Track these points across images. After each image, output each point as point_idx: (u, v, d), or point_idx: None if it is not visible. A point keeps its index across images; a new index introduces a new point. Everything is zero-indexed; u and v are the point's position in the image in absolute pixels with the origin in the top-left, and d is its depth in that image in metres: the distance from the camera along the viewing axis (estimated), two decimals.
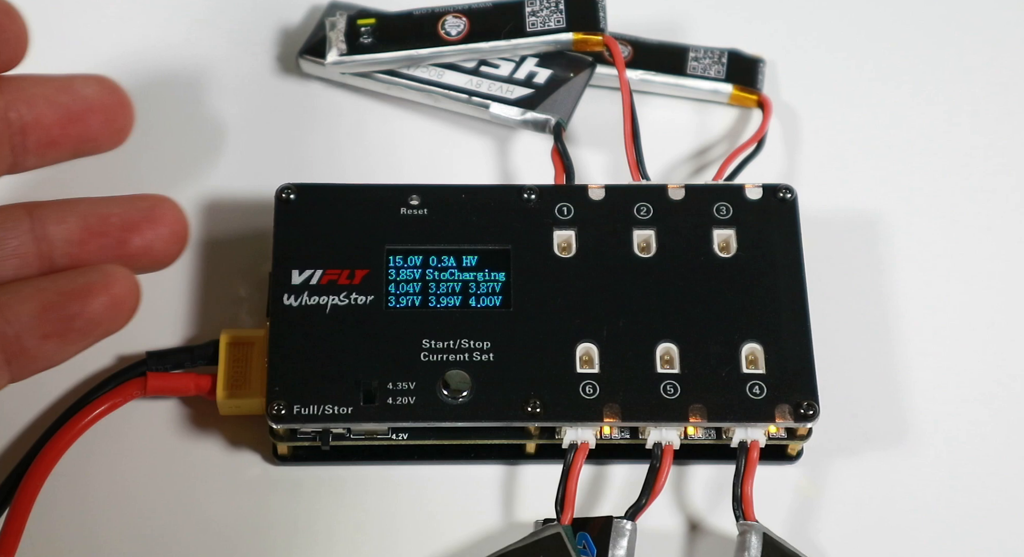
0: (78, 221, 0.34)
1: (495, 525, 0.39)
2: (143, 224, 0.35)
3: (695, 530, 0.39)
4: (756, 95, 0.46)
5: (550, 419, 0.38)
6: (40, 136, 0.35)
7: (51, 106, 0.35)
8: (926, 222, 0.45)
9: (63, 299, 0.33)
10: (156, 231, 0.35)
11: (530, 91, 0.44)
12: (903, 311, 0.43)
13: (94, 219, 0.35)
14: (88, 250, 0.34)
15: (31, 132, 0.34)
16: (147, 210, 0.35)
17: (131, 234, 0.35)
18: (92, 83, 0.35)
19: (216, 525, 0.39)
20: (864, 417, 0.41)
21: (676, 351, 0.38)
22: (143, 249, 0.35)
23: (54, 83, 0.35)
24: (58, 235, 0.34)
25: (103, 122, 0.35)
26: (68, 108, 0.35)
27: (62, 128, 0.35)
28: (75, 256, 0.34)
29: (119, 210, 0.35)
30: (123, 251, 0.35)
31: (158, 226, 0.35)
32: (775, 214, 0.40)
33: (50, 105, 0.35)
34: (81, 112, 0.35)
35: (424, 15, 0.45)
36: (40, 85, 0.35)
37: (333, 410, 0.37)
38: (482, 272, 0.39)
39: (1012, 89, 0.47)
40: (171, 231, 0.35)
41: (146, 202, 0.35)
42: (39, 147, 0.35)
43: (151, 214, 0.35)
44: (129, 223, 0.35)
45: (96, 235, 0.34)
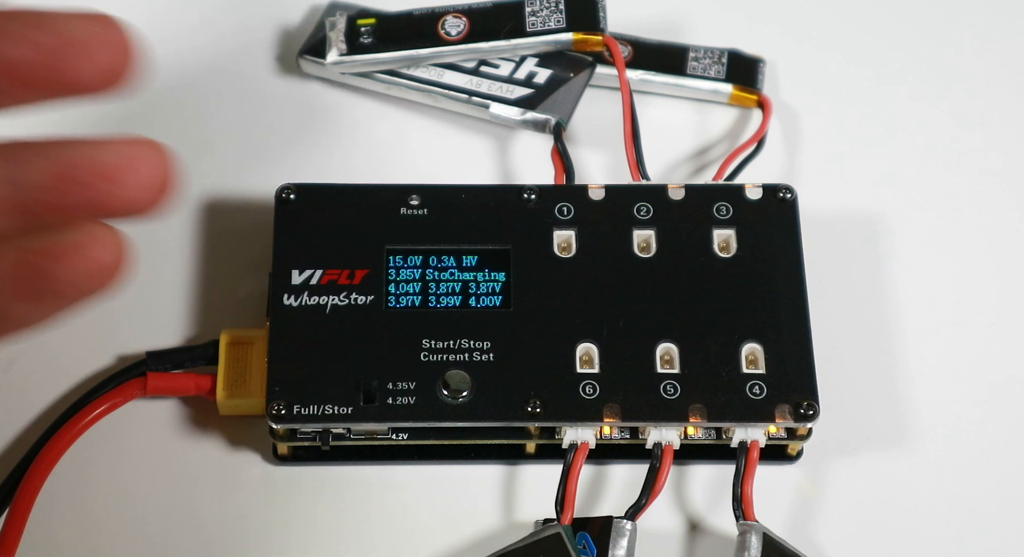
0: (53, 167, 0.32)
1: (495, 525, 0.39)
2: (121, 171, 0.32)
3: (695, 530, 0.39)
4: (756, 95, 0.46)
5: (550, 419, 0.38)
6: (14, 76, 0.32)
7: (27, 44, 0.32)
8: (926, 222, 0.45)
9: (37, 258, 0.31)
10: (136, 179, 0.32)
11: (530, 91, 0.44)
12: (903, 311, 0.43)
13: (69, 166, 0.32)
14: (65, 199, 0.32)
15: (5, 71, 0.32)
16: (127, 156, 0.32)
17: (108, 183, 0.32)
18: (81, 21, 0.33)
19: (216, 525, 0.39)
20: (864, 417, 0.41)
21: (676, 351, 0.38)
22: (122, 198, 0.32)
23: (34, 20, 0.32)
24: (32, 181, 0.32)
25: (89, 64, 0.32)
26: (46, 46, 0.32)
27: (40, 69, 0.32)
28: (50, 204, 0.32)
29: (96, 155, 0.32)
30: (102, 200, 0.32)
31: (139, 174, 0.32)
32: (775, 214, 0.40)
33: (26, 43, 0.32)
34: (61, 52, 0.32)
35: (424, 15, 0.45)
36: (16, 21, 0.32)
37: (333, 410, 0.37)
38: (482, 272, 0.39)
39: (1012, 89, 0.47)
40: (153, 179, 0.32)
41: (124, 145, 0.33)
42: (14, 88, 0.32)
43: (131, 161, 0.32)
44: (105, 170, 0.32)
45: (72, 182, 0.32)
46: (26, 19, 0.33)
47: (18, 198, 0.32)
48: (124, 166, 0.32)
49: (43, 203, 0.32)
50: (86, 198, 0.32)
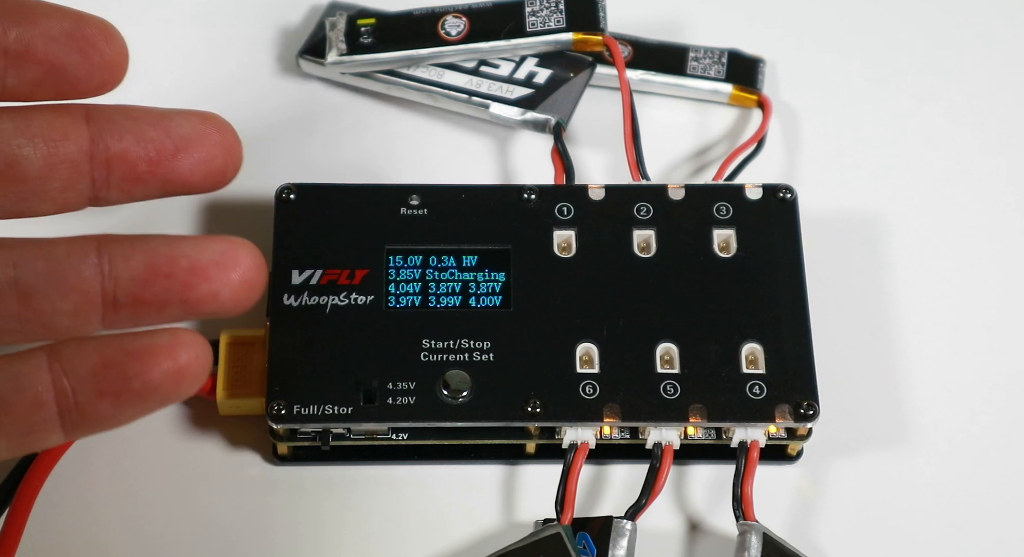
0: (145, 259, 0.32)
1: (495, 525, 0.39)
2: (212, 268, 0.32)
3: (695, 530, 0.39)
4: (756, 95, 0.46)
5: (550, 419, 0.38)
6: (124, 172, 0.33)
7: (140, 141, 0.33)
8: (926, 222, 0.45)
9: (124, 357, 0.31)
10: (225, 278, 0.32)
11: (530, 91, 0.44)
12: (903, 311, 0.43)
13: (162, 259, 0.32)
14: (152, 291, 0.32)
15: (115, 166, 0.32)
16: (220, 253, 0.32)
17: (198, 278, 0.32)
18: (193, 120, 0.33)
19: (216, 525, 0.39)
20: (864, 417, 0.41)
21: (676, 351, 0.38)
22: (209, 295, 0.32)
23: (147, 117, 0.33)
24: (123, 273, 0.32)
25: (197, 163, 0.33)
26: (159, 146, 0.33)
27: (149, 166, 0.33)
28: (139, 298, 0.32)
29: (190, 251, 0.32)
30: (188, 295, 0.32)
31: (228, 272, 0.32)
32: (775, 214, 0.40)
33: (139, 140, 0.33)
34: (172, 151, 0.33)
35: (424, 15, 0.45)
36: (131, 117, 0.33)
37: (333, 410, 0.37)
38: (482, 272, 0.39)
39: (1012, 89, 0.47)
40: (241, 279, 0.32)
41: (220, 245, 0.33)
42: (123, 183, 0.33)
43: (223, 258, 0.32)
44: (198, 266, 0.32)
45: (163, 277, 0.32)
46: (139, 116, 0.33)
47: (112, 290, 0.32)
48: (218, 265, 0.32)
49: (135, 297, 0.32)
50: (178, 295, 0.32)
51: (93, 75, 0.32)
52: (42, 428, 0.31)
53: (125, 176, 0.33)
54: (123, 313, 0.32)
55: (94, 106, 0.33)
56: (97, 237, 0.32)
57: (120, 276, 0.32)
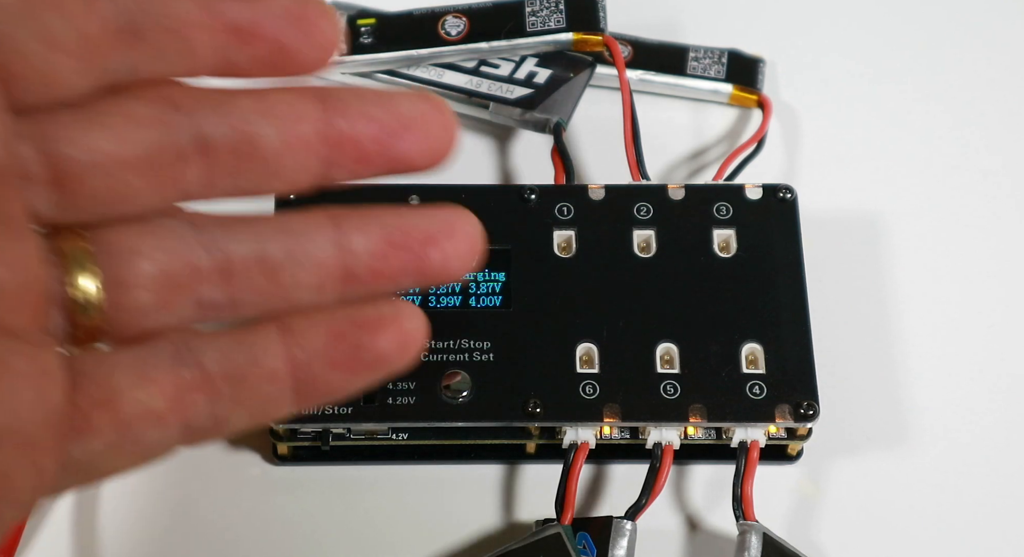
0: (381, 233, 0.33)
1: (495, 525, 0.39)
2: (441, 237, 0.33)
3: (695, 530, 0.39)
4: (756, 95, 0.46)
5: (550, 419, 0.38)
6: (353, 151, 0.33)
7: (368, 121, 0.33)
8: (926, 222, 0.45)
9: (355, 328, 0.32)
10: (455, 245, 0.33)
11: (530, 91, 0.44)
12: (903, 311, 0.43)
13: (397, 232, 0.33)
14: (390, 264, 0.33)
15: (345, 146, 0.33)
16: (447, 222, 0.33)
17: (431, 248, 0.33)
18: (415, 100, 0.34)
19: (216, 525, 0.39)
20: (864, 417, 0.41)
21: (676, 351, 0.38)
22: (441, 263, 0.33)
23: (374, 97, 0.34)
24: (361, 247, 0.33)
25: (419, 142, 0.34)
26: (385, 124, 0.33)
27: (377, 145, 0.33)
28: (377, 270, 0.33)
29: (421, 222, 0.33)
30: (423, 265, 0.33)
31: (457, 240, 0.33)
32: (775, 214, 0.40)
33: (367, 120, 0.33)
34: (397, 130, 0.33)
35: (424, 15, 0.45)
36: (359, 98, 0.33)
37: (333, 410, 0.37)
38: (482, 272, 0.39)
39: (1012, 89, 0.47)
40: (469, 245, 0.33)
41: (445, 213, 0.33)
42: (351, 162, 0.33)
43: (450, 227, 0.33)
44: (429, 236, 0.33)
45: (399, 248, 0.33)
46: (367, 96, 0.34)
47: (349, 263, 0.32)
48: (446, 232, 0.33)
49: (371, 269, 0.33)
50: (411, 265, 0.33)
51: (312, 52, 0.33)
52: (278, 399, 0.32)
53: (354, 155, 0.33)
54: (360, 285, 0.33)
55: (324, 88, 0.34)
56: (328, 212, 0.33)
57: (358, 250, 0.33)
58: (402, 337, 0.32)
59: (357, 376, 0.32)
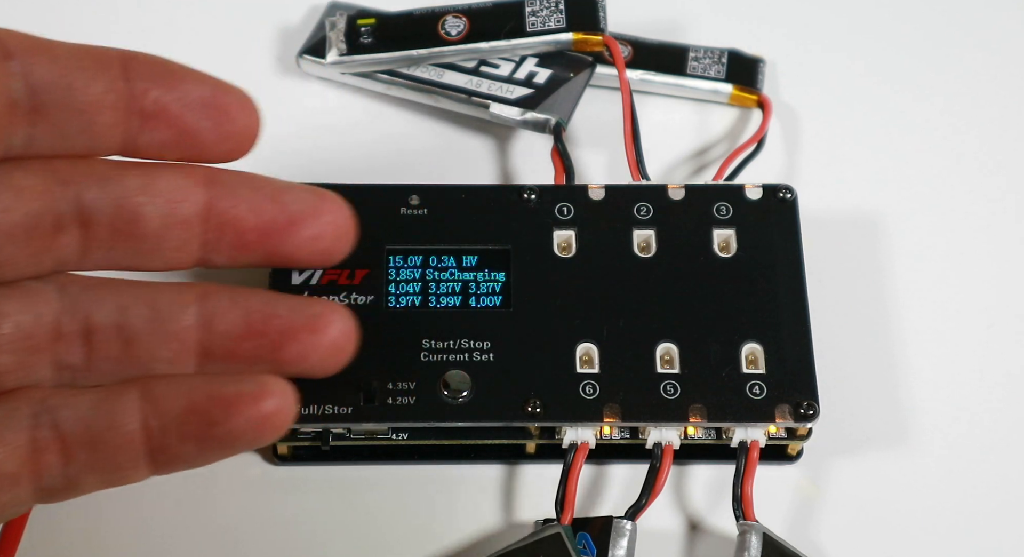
0: (242, 315, 0.33)
1: (495, 525, 0.39)
2: (304, 332, 0.33)
3: (695, 530, 0.39)
4: (756, 95, 0.46)
5: (550, 419, 0.38)
6: (234, 238, 0.33)
7: (253, 211, 0.33)
8: (926, 222, 0.45)
9: (211, 404, 0.31)
10: (315, 341, 0.33)
11: (530, 91, 0.44)
12: (903, 311, 0.43)
13: (257, 317, 0.33)
14: (245, 347, 0.33)
15: (226, 232, 0.33)
16: (312, 318, 0.33)
17: (289, 341, 0.33)
18: (309, 197, 0.34)
19: (216, 525, 0.39)
20: (864, 417, 0.41)
21: (676, 351, 0.38)
22: (298, 356, 0.33)
23: (267, 188, 0.34)
24: (220, 326, 0.33)
25: (308, 240, 0.34)
26: (271, 219, 0.33)
27: (258, 236, 0.33)
28: (231, 350, 0.33)
29: (285, 312, 0.33)
30: (277, 355, 0.33)
31: (319, 336, 0.33)
32: (775, 214, 0.40)
33: (252, 210, 0.33)
34: (284, 225, 0.33)
35: (424, 15, 0.45)
36: (250, 186, 0.33)
37: (333, 410, 0.37)
38: (482, 272, 0.39)
39: (1012, 89, 0.47)
40: (331, 343, 0.33)
41: (316, 308, 0.33)
42: (231, 249, 0.33)
43: (316, 323, 0.33)
44: (290, 328, 0.33)
45: (255, 334, 0.33)
46: (260, 186, 0.34)
47: (208, 342, 0.32)
48: (310, 328, 0.33)
49: (229, 351, 0.32)
50: (268, 354, 0.32)
51: (222, 143, 0.33)
52: (131, 464, 0.32)
53: (234, 243, 0.33)
54: (216, 363, 0.33)
55: (217, 170, 0.34)
56: (199, 286, 0.33)
57: (217, 329, 0.32)
58: (260, 417, 0.31)
59: (211, 451, 0.32)
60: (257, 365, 0.33)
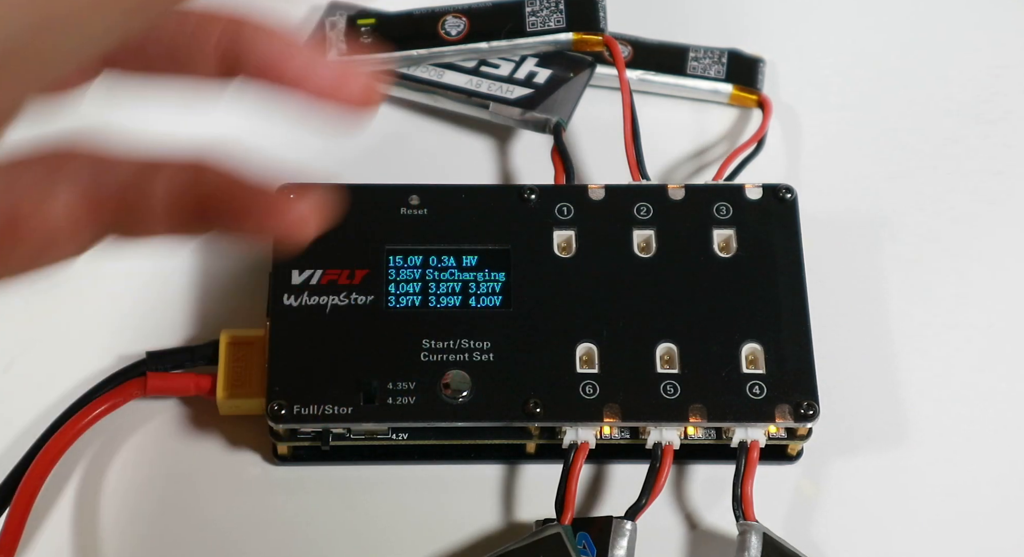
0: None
1: (495, 525, 0.39)
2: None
3: (695, 530, 0.39)
4: (756, 95, 0.46)
5: (550, 419, 0.38)
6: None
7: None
8: (926, 222, 0.44)
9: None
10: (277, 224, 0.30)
11: (530, 91, 0.44)
12: (903, 311, 0.43)
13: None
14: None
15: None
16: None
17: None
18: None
19: (216, 525, 0.39)
20: (864, 417, 0.41)
21: (676, 351, 0.38)
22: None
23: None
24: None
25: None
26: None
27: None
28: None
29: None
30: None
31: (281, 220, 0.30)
32: (775, 214, 0.40)
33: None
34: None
35: (424, 15, 0.45)
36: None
37: (333, 410, 0.37)
38: (482, 272, 0.39)
39: (1012, 89, 0.47)
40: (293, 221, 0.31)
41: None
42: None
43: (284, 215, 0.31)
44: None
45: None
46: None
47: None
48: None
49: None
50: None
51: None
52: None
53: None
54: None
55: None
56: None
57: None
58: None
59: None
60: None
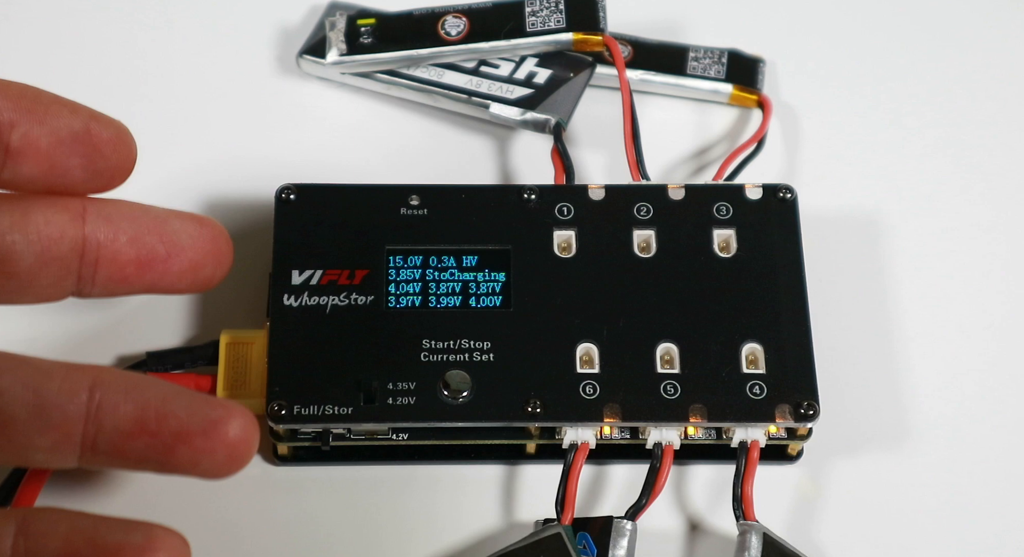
0: (134, 411, 0.30)
1: (495, 525, 0.39)
2: (198, 436, 0.30)
3: (695, 530, 0.39)
4: (756, 95, 0.46)
5: (550, 419, 0.38)
6: (112, 272, 0.32)
7: (132, 244, 0.32)
8: (926, 221, 0.45)
9: (90, 551, 0.29)
10: (209, 446, 0.30)
11: (530, 91, 0.44)
12: (903, 311, 0.43)
13: (151, 414, 0.30)
14: (133, 446, 0.30)
15: (103, 266, 0.32)
16: (211, 421, 0.30)
17: (182, 443, 0.30)
18: (188, 225, 0.32)
19: (216, 525, 0.39)
20: (864, 417, 0.41)
21: (676, 351, 0.38)
22: (189, 460, 0.31)
23: (146, 219, 0.32)
24: (108, 421, 0.30)
25: (187, 269, 0.33)
26: (151, 250, 0.32)
27: (137, 269, 0.32)
28: (119, 447, 0.30)
29: (181, 412, 0.30)
30: (167, 457, 0.30)
31: (213, 442, 0.31)
32: (775, 214, 0.40)
33: (131, 243, 0.32)
34: (163, 257, 0.32)
35: (424, 15, 0.45)
36: (129, 218, 0.32)
37: (333, 410, 0.37)
38: (482, 272, 0.39)
39: (1013, 88, 0.47)
40: (227, 450, 0.31)
41: (217, 411, 0.31)
42: (107, 282, 0.32)
43: (212, 427, 0.30)
44: (184, 431, 0.30)
45: (146, 433, 0.30)
46: (138, 218, 0.32)
47: (93, 435, 0.30)
48: (205, 434, 0.30)
49: (116, 448, 0.30)
50: (157, 455, 0.30)
51: (93, 179, 0.32)
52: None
53: (112, 276, 0.32)
54: (100, 457, 0.31)
55: (94, 201, 0.32)
56: (93, 373, 0.31)
57: (105, 424, 0.30)
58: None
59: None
60: (144, 465, 0.31)
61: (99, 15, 0.47)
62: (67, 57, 0.46)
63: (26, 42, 0.47)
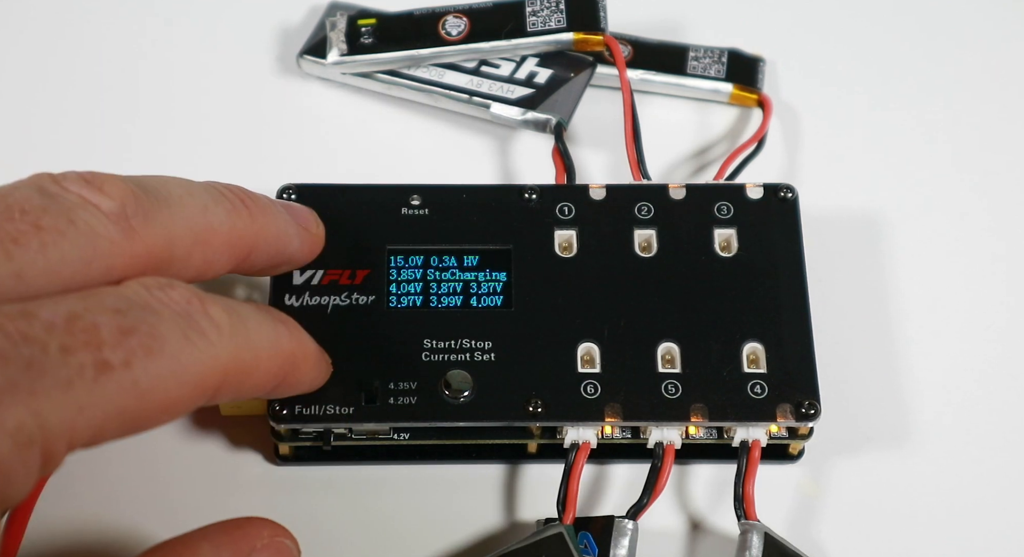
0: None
1: (496, 525, 0.39)
2: None
3: (696, 529, 0.39)
4: (756, 94, 0.46)
5: (551, 419, 0.38)
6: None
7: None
8: (927, 221, 0.45)
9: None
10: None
11: (531, 91, 0.44)
12: (904, 310, 0.43)
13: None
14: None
15: None
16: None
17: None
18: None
19: None
20: (865, 416, 0.41)
21: (677, 351, 0.38)
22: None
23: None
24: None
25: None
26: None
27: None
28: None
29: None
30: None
31: None
32: (776, 213, 0.40)
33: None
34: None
35: (424, 15, 0.45)
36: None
37: (335, 410, 0.37)
38: (483, 272, 0.39)
39: (1013, 88, 0.47)
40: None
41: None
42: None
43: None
44: None
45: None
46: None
47: None
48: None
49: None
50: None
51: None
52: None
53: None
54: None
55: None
56: None
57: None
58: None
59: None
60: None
61: (99, 15, 0.47)
62: (67, 57, 0.47)
63: (26, 42, 0.47)
